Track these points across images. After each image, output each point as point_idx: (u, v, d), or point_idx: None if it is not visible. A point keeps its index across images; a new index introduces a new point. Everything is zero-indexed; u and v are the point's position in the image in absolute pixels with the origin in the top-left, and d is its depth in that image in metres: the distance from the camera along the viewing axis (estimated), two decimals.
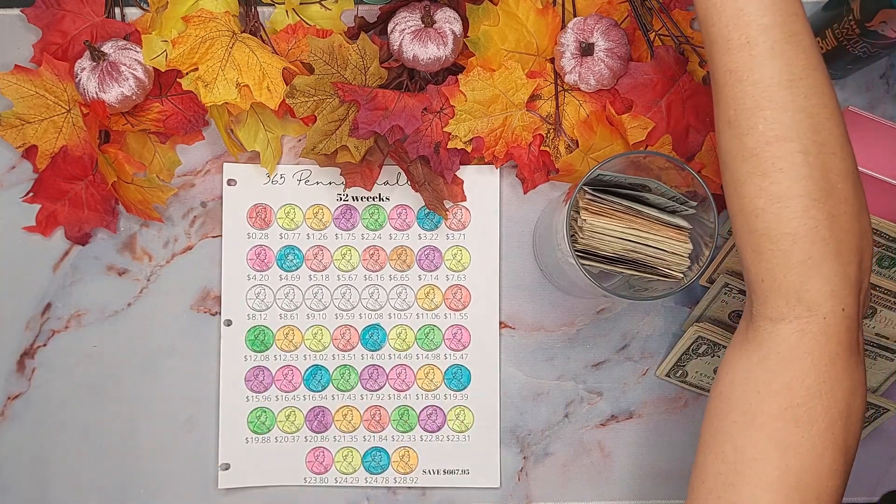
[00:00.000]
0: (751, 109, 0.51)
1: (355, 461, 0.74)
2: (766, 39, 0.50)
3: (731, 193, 0.52)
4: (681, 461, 0.75)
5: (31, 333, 0.74)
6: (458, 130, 0.70)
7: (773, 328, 0.50)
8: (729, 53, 0.52)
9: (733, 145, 0.52)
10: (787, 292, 0.50)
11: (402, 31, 0.68)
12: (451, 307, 0.75)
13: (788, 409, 0.49)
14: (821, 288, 0.49)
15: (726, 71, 0.52)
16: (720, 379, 0.53)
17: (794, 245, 0.49)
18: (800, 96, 0.50)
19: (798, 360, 0.49)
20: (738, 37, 0.51)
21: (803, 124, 0.50)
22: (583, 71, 0.69)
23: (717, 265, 0.73)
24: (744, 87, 0.51)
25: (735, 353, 0.53)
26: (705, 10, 0.53)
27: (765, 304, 0.51)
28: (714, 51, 0.53)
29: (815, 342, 0.49)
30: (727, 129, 0.52)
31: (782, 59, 0.50)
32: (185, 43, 0.66)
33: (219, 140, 0.74)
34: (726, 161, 0.53)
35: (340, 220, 0.75)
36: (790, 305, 0.50)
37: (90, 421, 0.74)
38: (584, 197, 0.64)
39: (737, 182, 0.52)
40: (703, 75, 0.72)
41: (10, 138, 0.71)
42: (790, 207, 0.49)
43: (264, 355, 0.74)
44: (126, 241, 0.74)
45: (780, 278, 0.50)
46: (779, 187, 0.49)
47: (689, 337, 0.72)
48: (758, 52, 0.51)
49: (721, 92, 0.52)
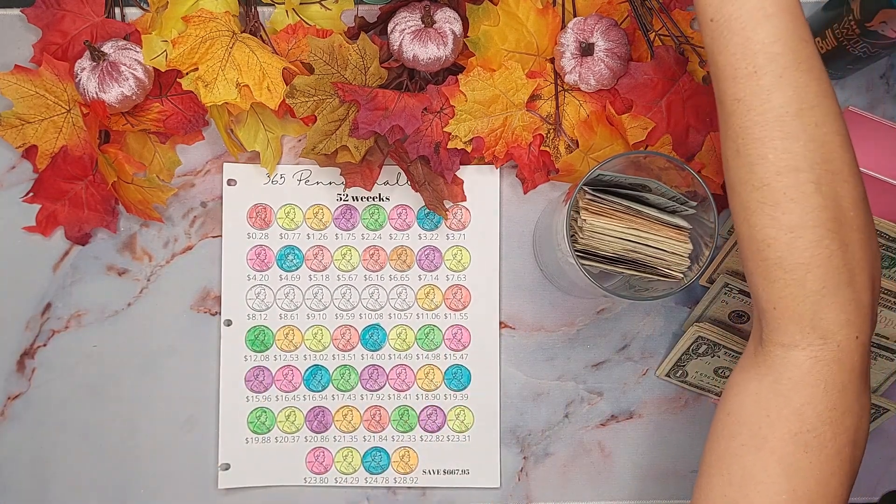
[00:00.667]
0: (760, 139, 0.50)
1: (355, 461, 0.74)
2: (774, 68, 0.49)
3: (742, 222, 0.52)
4: (681, 461, 0.76)
5: (31, 333, 0.74)
6: (458, 130, 0.70)
7: (786, 354, 0.50)
8: (736, 82, 0.50)
9: (742, 174, 0.51)
10: (800, 320, 0.49)
11: (402, 31, 0.68)
12: (451, 307, 0.75)
13: (798, 434, 0.49)
14: (836, 317, 0.49)
15: (734, 100, 0.51)
16: (728, 400, 0.53)
17: (808, 275, 0.49)
18: (811, 125, 0.49)
19: (810, 387, 0.49)
20: (746, 66, 0.50)
21: (815, 154, 0.49)
22: (583, 71, 0.69)
23: (717, 265, 0.73)
24: (752, 117, 0.50)
25: (744, 376, 0.53)
26: (711, 39, 0.52)
27: (777, 331, 0.51)
28: (721, 79, 0.52)
29: (828, 370, 0.49)
30: (736, 157, 0.51)
31: (792, 87, 0.49)
32: (185, 43, 0.66)
33: (219, 140, 0.74)
34: (735, 189, 0.52)
35: (340, 220, 0.75)
36: (804, 333, 0.49)
37: (90, 421, 0.74)
38: (584, 197, 0.64)
39: (747, 211, 0.51)
40: (703, 75, 0.72)
41: (10, 138, 0.71)
42: (803, 238, 0.49)
43: (264, 355, 0.74)
44: (126, 241, 0.74)
45: (794, 307, 0.49)
46: (791, 217, 0.49)
47: (689, 337, 0.72)
48: (766, 81, 0.50)
49: (729, 121, 0.52)
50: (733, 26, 0.50)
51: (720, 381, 0.74)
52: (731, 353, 0.72)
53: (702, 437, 0.75)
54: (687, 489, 0.75)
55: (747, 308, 0.73)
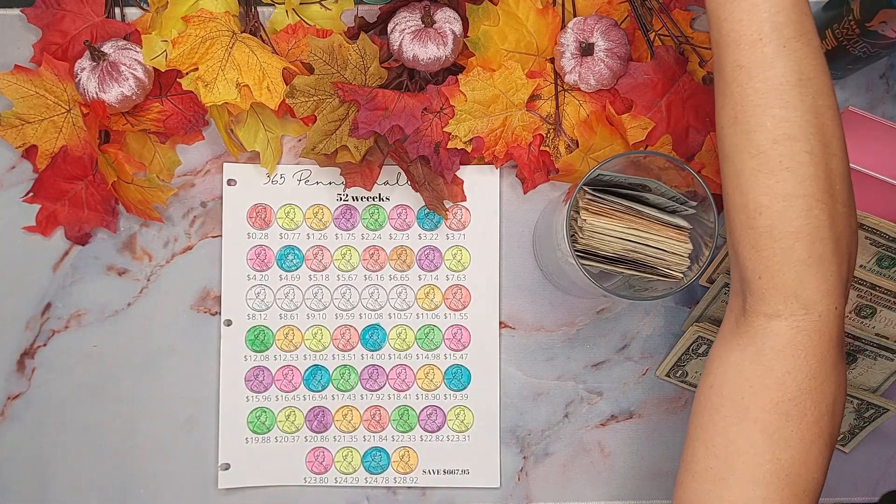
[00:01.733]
0: (760, 106, 0.50)
1: (355, 461, 0.74)
2: (779, 37, 0.50)
3: (733, 188, 0.52)
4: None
5: (31, 333, 0.74)
6: (458, 130, 0.70)
7: (768, 324, 0.51)
8: (740, 49, 0.51)
9: (739, 141, 0.51)
10: (785, 290, 0.50)
11: (402, 31, 0.68)
12: (451, 307, 0.75)
13: (780, 403, 0.50)
14: (818, 286, 0.50)
15: (736, 66, 0.52)
16: (710, 372, 0.54)
17: (796, 244, 0.50)
18: (809, 96, 0.50)
19: (792, 357, 0.50)
20: (751, 33, 0.51)
21: (811, 124, 0.50)
22: (583, 71, 0.69)
23: (717, 265, 0.73)
24: (753, 84, 0.51)
25: (725, 347, 0.53)
26: (717, 4, 0.52)
27: (761, 301, 0.51)
28: (723, 45, 0.52)
29: (809, 339, 0.50)
30: (733, 124, 0.52)
31: (794, 57, 0.50)
32: (185, 43, 0.66)
33: (219, 140, 0.74)
34: (730, 156, 0.52)
35: (340, 220, 0.75)
36: (787, 303, 0.50)
37: (90, 421, 0.74)
38: (584, 197, 0.64)
39: (740, 177, 0.51)
40: (703, 75, 0.72)
41: (10, 138, 0.71)
42: (795, 206, 0.50)
43: (264, 355, 0.74)
44: (126, 241, 0.74)
45: (779, 276, 0.50)
46: (784, 186, 0.50)
47: (689, 337, 0.72)
48: (770, 49, 0.50)
49: (728, 87, 0.52)
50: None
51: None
52: None
53: None
54: None
55: None
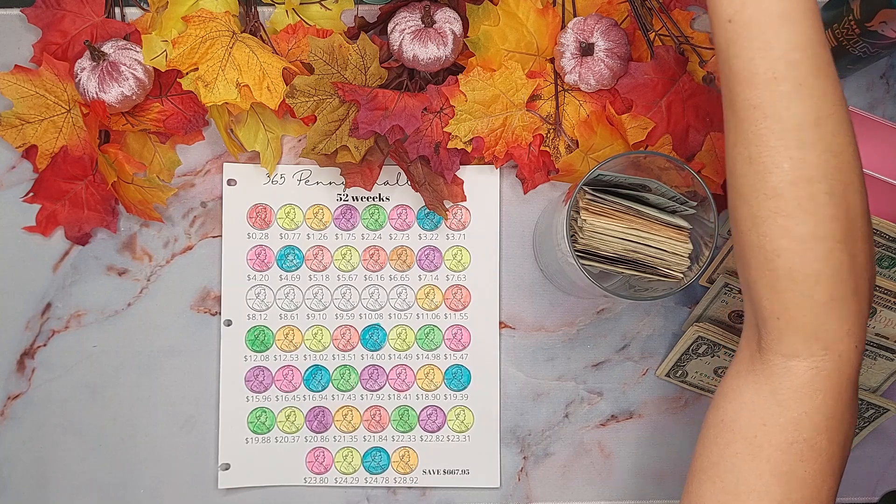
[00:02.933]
0: (776, 148, 0.48)
1: (355, 461, 0.74)
2: (795, 75, 0.48)
3: (749, 230, 0.50)
4: (681, 461, 0.75)
5: (31, 333, 0.74)
6: (458, 130, 0.70)
7: (786, 363, 0.50)
8: (753, 88, 0.49)
9: (754, 182, 0.49)
10: (804, 331, 0.49)
11: (402, 31, 0.68)
12: (451, 307, 0.75)
13: (795, 443, 0.49)
14: (839, 327, 0.49)
15: (749, 106, 0.49)
16: (720, 406, 0.53)
17: (817, 286, 0.48)
18: (827, 134, 0.48)
19: (809, 397, 0.49)
20: (766, 71, 0.48)
21: (829, 164, 0.48)
22: (583, 71, 0.69)
23: (717, 265, 0.73)
24: (769, 124, 0.48)
25: (739, 383, 0.52)
26: (727, 40, 0.50)
27: (779, 340, 0.50)
28: (735, 82, 0.50)
29: (828, 380, 0.49)
30: (747, 165, 0.50)
31: (811, 96, 0.48)
32: (185, 43, 0.66)
33: (219, 140, 0.74)
34: (744, 196, 0.50)
35: (340, 220, 0.75)
36: (807, 343, 0.49)
37: (90, 421, 0.74)
38: (584, 197, 0.64)
39: (757, 220, 0.49)
40: (703, 75, 0.72)
41: (10, 138, 0.71)
42: (815, 249, 0.48)
43: (264, 355, 0.74)
44: (126, 241, 0.74)
45: (799, 317, 0.49)
46: (804, 228, 0.48)
47: (689, 337, 0.72)
48: (786, 88, 0.48)
49: (741, 125, 0.50)
50: (754, 29, 0.48)
51: (720, 381, 0.74)
52: (731, 353, 0.72)
53: None
54: None
55: None
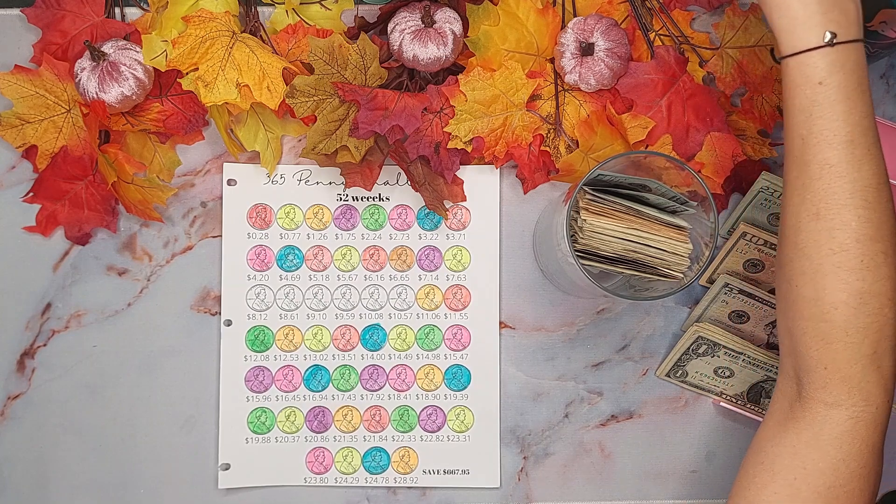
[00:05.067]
0: (846, 206, 0.52)
1: (355, 461, 0.74)
2: (866, 140, 0.52)
3: (805, 283, 0.53)
4: (681, 461, 0.75)
5: (31, 333, 0.74)
6: (459, 130, 0.70)
7: (828, 412, 0.53)
8: (832, 149, 0.52)
9: (820, 237, 0.53)
10: (850, 382, 0.53)
11: (402, 31, 0.68)
12: (451, 307, 0.75)
13: (832, 488, 0.53)
14: (878, 381, 0.53)
15: (825, 164, 0.52)
16: (760, 450, 0.56)
17: (865, 339, 0.52)
18: (886, 198, 0.53)
19: (849, 444, 0.53)
20: (846, 133, 0.52)
21: (886, 225, 0.52)
22: (583, 71, 0.69)
23: (717, 265, 0.73)
24: (842, 184, 0.52)
25: (778, 429, 0.55)
26: (812, 102, 0.52)
27: (823, 390, 0.53)
28: (813, 143, 0.53)
29: (866, 430, 0.53)
30: (814, 220, 0.53)
31: (877, 161, 0.52)
32: (185, 43, 0.66)
33: (219, 140, 0.74)
34: (806, 251, 0.53)
35: (340, 220, 0.75)
36: (850, 394, 0.53)
37: (90, 421, 0.74)
38: (585, 197, 0.64)
39: (817, 274, 0.53)
40: (703, 75, 0.72)
41: (10, 138, 0.71)
42: (869, 304, 0.52)
43: (264, 355, 0.74)
44: (126, 241, 0.74)
45: (846, 369, 0.52)
46: (863, 284, 0.52)
47: (689, 337, 0.72)
48: (860, 151, 0.52)
49: (812, 184, 0.53)
50: (841, 94, 0.52)
51: (720, 381, 0.74)
52: (731, 352, 0.72)
53: (702, 437, 0.75)
54: (687, 489, 0.75)
55: (747, 308, 0.73)
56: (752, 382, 0.74)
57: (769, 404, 0.58)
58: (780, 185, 0.70)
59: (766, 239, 0.71)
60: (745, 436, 0.76)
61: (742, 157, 0.71)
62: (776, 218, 0.73)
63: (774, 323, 0.73)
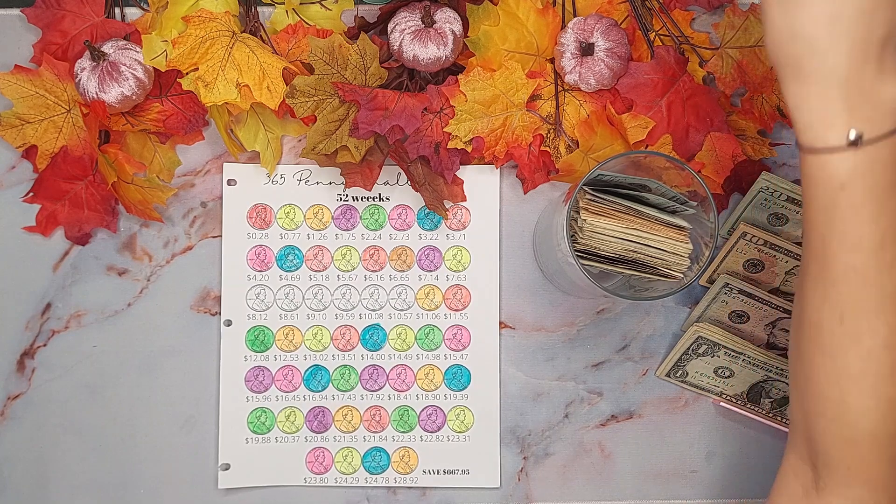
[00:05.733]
0: (873, 312, 0.48)
1: (355, 461, 0.74)
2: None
3: (830, 385, 0.51)
4: (681, 461, 0.75)
5: (31, 333, 0.74)
6: (459, 130, 0.70)
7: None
8: (859, 252, 0.48)
9: (845, 342, 0.49)
10: (874, 484, 0.51)
11: (402, 31, 0.68)
12: (451, 307, 0.75)
13: None
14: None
15: (850, 268, 0.48)
16: None
17: (892, 445, 0.51)
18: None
19: None
20: (874, 237, 0.47)
21: None
22: (583, 71, 0.69)
23: (717, 265, 0.73)
24: (870, 291, 0.48)
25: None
26: (833, 205, 0.48)
27: (847, 487, 0.52)
28: (837, 246, 0.48)
29: None
30: (838, 325, 0.49)
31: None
32: (185, 43, 0.66)
33: (219, 140, 0.74)
34: (831, 353, 0.50)
35: (340, 220, 0.75)
36: (874, 493, 0.51)
37: (90, 421, 0.74)
38: (585, 197, 0.64)
39: (843, 377, 0.50)
40: (703, 75, 0.72)
41: (10, 138, 0.71)
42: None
43: (264, 355, 0.74)
44: (126, 241, 0.74)
45: (871, 471, 0.51)
46: (891, 390, 0.49)
47: (689, 337, 0.72)
48: (889, 257, 0.48)
49: (835, 287, 0.49)
50: (867, 197, 0.47)
51: (720, 381, 0.74)
52: (731, 353, 0.72)
53: (702, 438, 0.75)
54: (687, 489, 0.75)
55: (747, 308, 0.73)
56: (752, 382, 0.74)
57: (776, 478, 0.56)
58: (780, 186, 0.71)
59: (766, 239, 0.71)
60: (745, 436, 0.76)
61: (742, 157, 0.71)
62: (776, 218, 0.73)
63: (774, 323, 0.74)
